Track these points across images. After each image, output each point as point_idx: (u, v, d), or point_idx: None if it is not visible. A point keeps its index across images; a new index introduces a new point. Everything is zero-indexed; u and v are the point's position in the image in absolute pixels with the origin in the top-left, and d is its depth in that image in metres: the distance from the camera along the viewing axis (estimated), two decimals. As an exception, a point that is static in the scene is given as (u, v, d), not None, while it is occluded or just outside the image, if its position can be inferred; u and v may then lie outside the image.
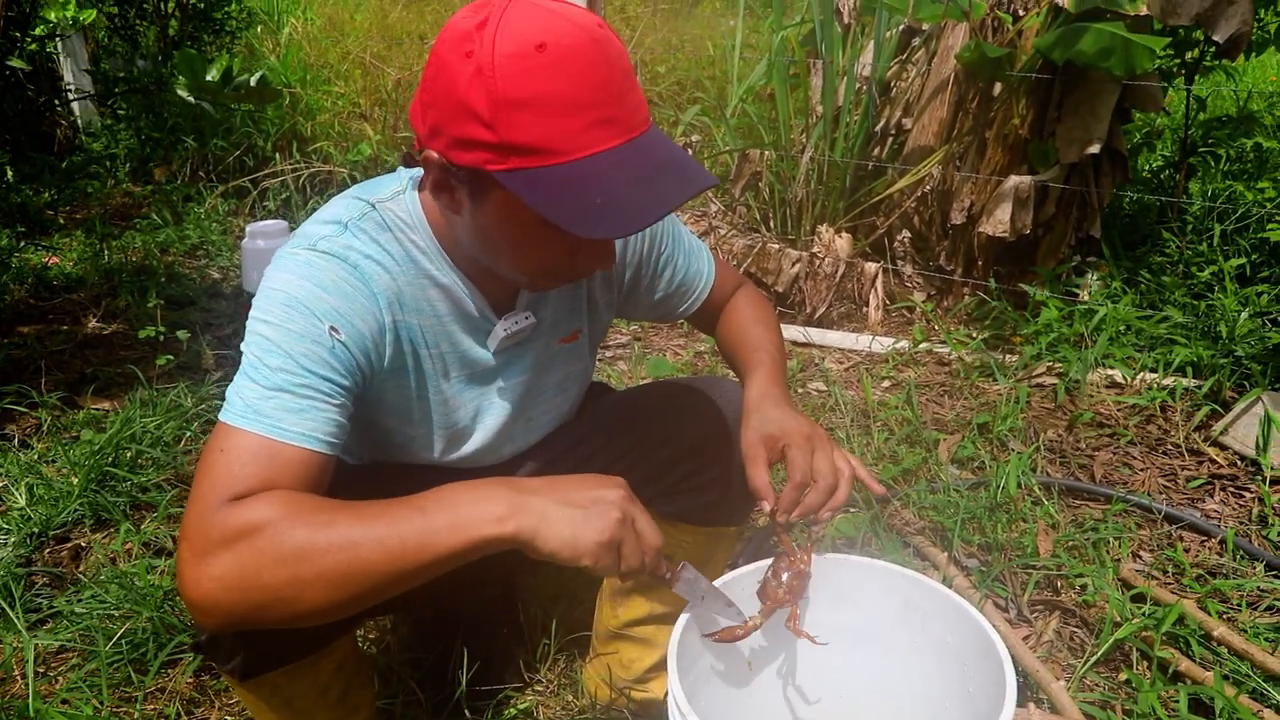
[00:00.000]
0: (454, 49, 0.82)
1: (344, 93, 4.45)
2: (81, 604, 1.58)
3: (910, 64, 3.14)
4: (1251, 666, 1.43)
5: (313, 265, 0.91)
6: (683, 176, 0.86)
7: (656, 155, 0.85)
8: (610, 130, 0.82)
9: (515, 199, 0.83)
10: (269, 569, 0.76)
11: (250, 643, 0.97)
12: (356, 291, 0.93)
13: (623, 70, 0.84)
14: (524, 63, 0.79)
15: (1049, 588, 1.69)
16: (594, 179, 0.81)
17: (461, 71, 0.81)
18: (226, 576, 0.76)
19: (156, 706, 1.41)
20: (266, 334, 0.88)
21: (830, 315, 2.98)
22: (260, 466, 0.82)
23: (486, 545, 0.78)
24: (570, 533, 0.79)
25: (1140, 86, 2.71)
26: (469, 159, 0.83)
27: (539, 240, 0.89)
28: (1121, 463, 2.14)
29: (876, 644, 1.10)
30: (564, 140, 0.81)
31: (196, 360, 2.60)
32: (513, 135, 0.80)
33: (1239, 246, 2.87)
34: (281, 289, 0.89)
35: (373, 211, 0.97)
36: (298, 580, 0.76)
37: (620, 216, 0.81)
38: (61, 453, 2.02)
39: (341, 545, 0.76)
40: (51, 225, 3.76)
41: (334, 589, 0.77)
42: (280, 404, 0.85)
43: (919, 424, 2.22)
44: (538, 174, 0.81)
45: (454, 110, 0.82)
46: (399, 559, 0.77)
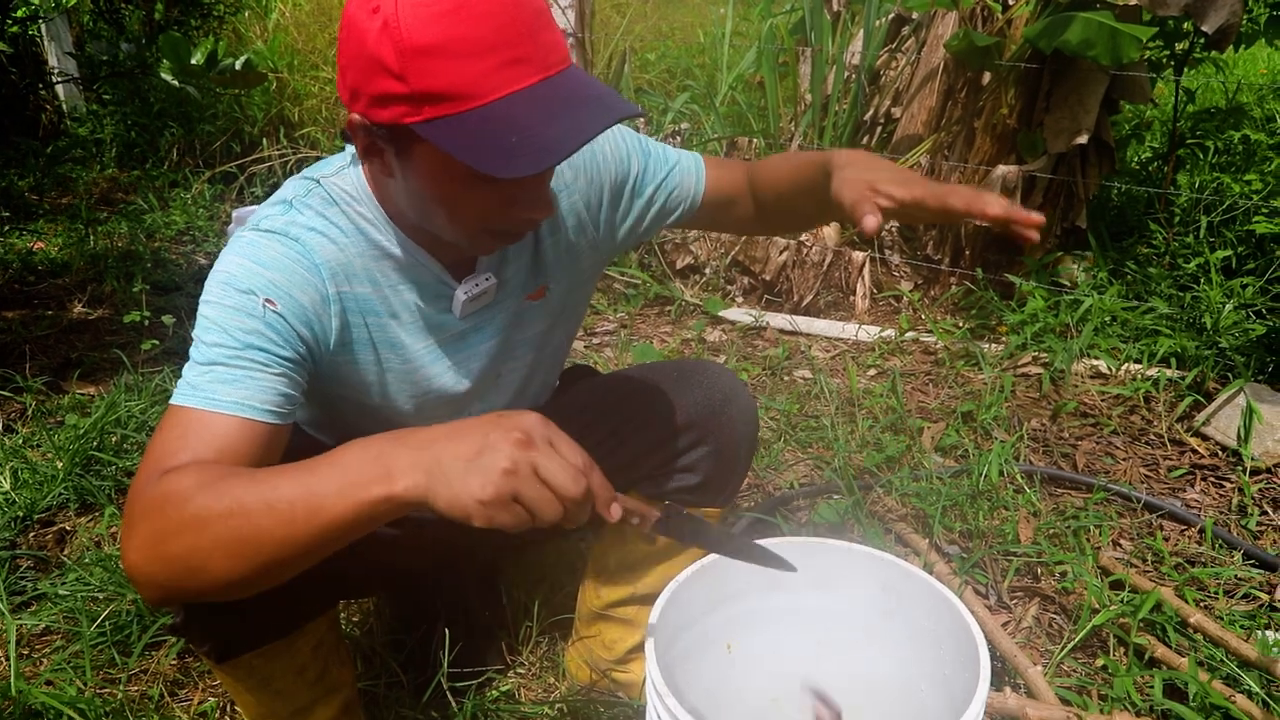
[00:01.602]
0: (361, 7, 0.82)
1: (331, 78, 4.42)
2: (65, 586, 1.58)
3: (900, 52, 3.14)
4: (1226, 653, 1.44)
5: (253, 244, 0.93)
6: (602, 106, 0.83)
7: (573, 91, 0.83)
8: (522, 70, 0.81)
9: (435, 152, 0.83)
10: (172, 537, 0.75)
11: (223, 624, 0.97)
12: (295, 264, 0.93)
13: (534, 9, 0.83)
14: (428, 9, 0.78)
15: (1029, 574, 1.71)
16: (508, 119, 0.80)
17: (369, 28, 0.81)
18: (143, 547, 0.77)
19: (140, 687, 1.41)
20: (206, 313, 0.90)
21: (817, 304, 2.99)
22: (193, 438, 0.83)
23: (378, 507, 0.72)
24: (453, 491, 0.70)
25: (1129, 77, 2.72)
26: (387, 115, 0.83)
27: (470, 193, 0.88)
28: (1104, 452, 2.15)
29: (854, 627, 1.11)
30: (475, 83, 0.80)
31: (182, 345, 2.59)
32: (424, 83, 0.80)
33: (1225, 239, 2.88)
34: (222, 270, 0.91)
35: (317, 187, 0.97)
36: (198, 549, 0.75)
37: (535, 153, 0.79)
38: (46, 437, 2.01)
39: (231, 510, 0.73)
40: (36, 210, 3.74)
41: (232, 557, 0.74)
42: (214, 376, 0.86)
43: (903, 412, 2.23)
44: (453, 120, 0.80)
45: (367, 68, 0.82)
46: (288, 524, 0.73)
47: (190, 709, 1.38)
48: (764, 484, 2.00)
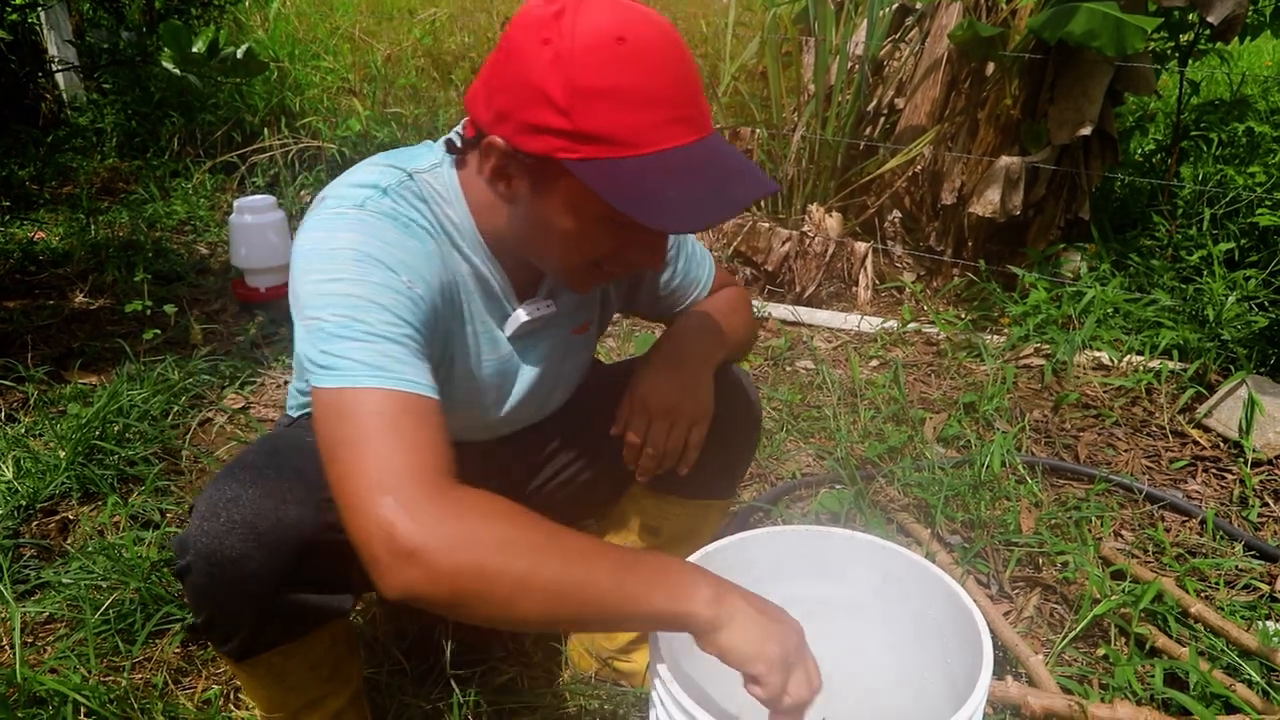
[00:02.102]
0: (530, 36, 0.82)
1: (333, 68, 4.41)
2: (69, 575, 1.58)
3: (903, 43, 3.13)
4: (1227, 643, 1.45)
5: (368, 223, 0.89)
6: (749, 179, 0.87)
7: (724, 157, 0.87)
8: (682, 128, 0.84)
9: (580, 189, 0.84)
10: (504, 559, 0.74)
11: (249, 625, 0.97)
12: (418, 248, 0.92)
13: (695, 72, 0.86)
14: (604, 53, 0.80)
15: (1030, 564, 1.71)
16: (666, 173, 0.82)
17: (538, 58, 0.81)
18: (458, 548, 0.74)
19: (144, 675, 1.42)
20: (347, 291, 0.84)
21: (819, 294, 2.99)
22: (416, 420, 0.80)
23: (680, 619, 0.79)
24: (758, 636, 0.79)
25: (1133, 69, 2.71)
26: (538, 145, 0.83)
27: (595, 233, 0.90)
28: (1106, 443, 2.15)
29: (857, 616, 1.11)
30: (638, 133, 0.82)
31: (184, 335, 2.59)
32: (588, 124, 0.81)
33: (1228, 231, 2.88)
34: (347, 246, 0.86)
35: (410, 181, 0.95)
36: (527, 580, 0.75)
37: (691, 211, 0.82)
38: (48, 426, 2.01)
39: (577, 563, 0.76)
40: (37, 200, 3.73)
41: (551, 604, 0.75)
42: (395, 356, 0.83)
43: (905, 403, 2.23)
44: (610, 164, 0.82)
45: (527, 96, 0.82)
46: (616, 597, 0.77)
47: (194, 696, 1.38)
48: (766, 474, 2.01)
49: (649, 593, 0.78)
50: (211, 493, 0.93)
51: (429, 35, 4.52)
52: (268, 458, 0.97)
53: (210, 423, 2.17)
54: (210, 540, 0.90)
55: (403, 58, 4.42)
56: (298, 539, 0.92)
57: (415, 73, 4.37)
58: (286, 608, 0.97)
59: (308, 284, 0.86)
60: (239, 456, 0.99)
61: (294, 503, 0.92)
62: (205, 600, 0.95)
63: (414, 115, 3.90)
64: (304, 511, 0.93)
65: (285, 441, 1.05)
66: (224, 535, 0.90)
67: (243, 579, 0.91)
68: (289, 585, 0.95)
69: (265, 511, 0.91)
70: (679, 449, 1.11)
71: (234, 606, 0.95)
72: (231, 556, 0.90)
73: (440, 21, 4.61)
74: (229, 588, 0.92)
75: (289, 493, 0.93)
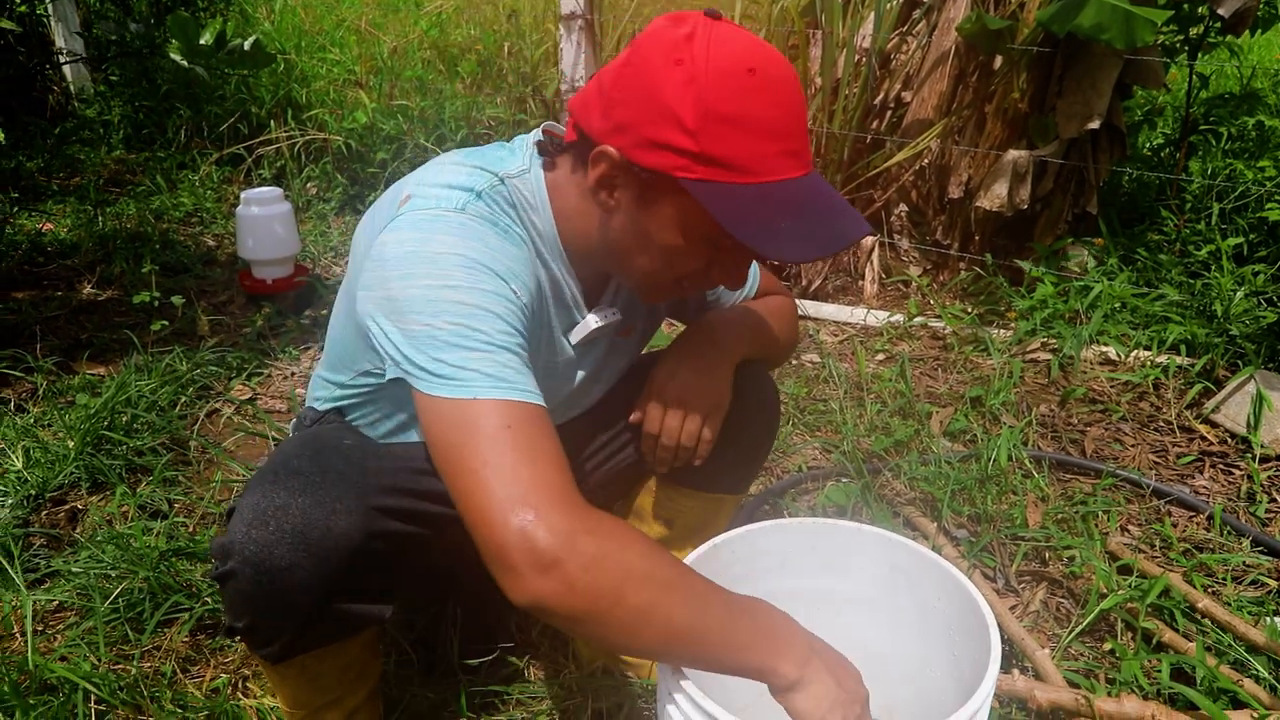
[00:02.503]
0: (662, 55, 0.84)
1: (339, 60, 4.40)
2: (78, 564, 1.59)
3: (911, 36, 3.11)
4: (1234, 638, 1.45)
5: (470, 228, 0.89)
6: (851, 219, 0.89)
7: (828, 194, 0.90)
8: (795, 161, 0.87)
9: (689, 208, 0.86)
10: (635, 586, 0.76)
11: (292, 631, 0.97)
12: (518, 255, 0.93)
13: (805, 110, 0.89)
14: (736, 82, 0.83)
15: (1037, 559, 1.71)
16: (779, 203, 0.85)
17: (670, 78, 0.83)
18: (595, 566, 0.76)
19: (153, 664, 1.42)
20: (460, 299, 0.84)
21: (826, 288, 2.98)
22: (542, 432, 0.82)
23: (766, 675, 0.81)
24: (826, 707, 0.81)
25: (1142, 62, 2.70)
26: (657, 161, 0.85)
27: (691, 251, 0.92)
28: (1113, 438, 2.15)
29: (864, 608, 1.11)
30: (758, 161, 0.84)
31: (191, 326, 2.60)
32: (714, 148, 0.83)
33: (1237, 225, 2.87)
34: (453, 251, 0.86)
35: (501, 185, 0.96)
36: (651, 611, 0.77)
37: (798, 243, 0.85)
38: (57, 417, 2.02)
39: (699, 604, 0.79)
40: (45, 191, 3.74)
41: (665, 640, 0.78)
42: (514, 367, 0.84)
43: (912, 397, 2.23)
44: (728, 189, 0.84)
45: (654, 113, 0.84)
46: (721, 642, 0.79)
47: (203, 685, 1.39)
48: (773, 467, 2.01)
49: (750, 646, 0.80)
50: (257, 498, 0.92)
51: (435, 28, 4.51)
52: (312, 462, 0.96)
53: (218, 413, 2.18)
54: (258, 549, 0.90)
55: (409, 50, 4.41)
56: (348, 549, 0.92)
57: (422, 65, 4.36)
58: (330, 616, 0.97)
59: (413, 288, 0.85)
60: (281, 460, 0.98)
61: (344, 513, 0.92)
62: (249, 607, 0.95)
63: (420, 108, 3.89)
64: (353, 521, 0.93)
65: (327, 443, 1.03)
66: (273, 544, 0.90)
67: (290, 588, 0.91)
68: (335, 594, 0.95)
69: (315, 521, 0.91)
70: (693, 441, 1.12)
71: (278, 614, 0.95)
72: (280, 566, 0.90)
73: (447, 14, 4.59)
74: (275, 596, 0.92)
75: (338, 502, 0.93)
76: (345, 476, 0.95)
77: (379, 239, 0.90)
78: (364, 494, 0.95)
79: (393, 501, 0.98)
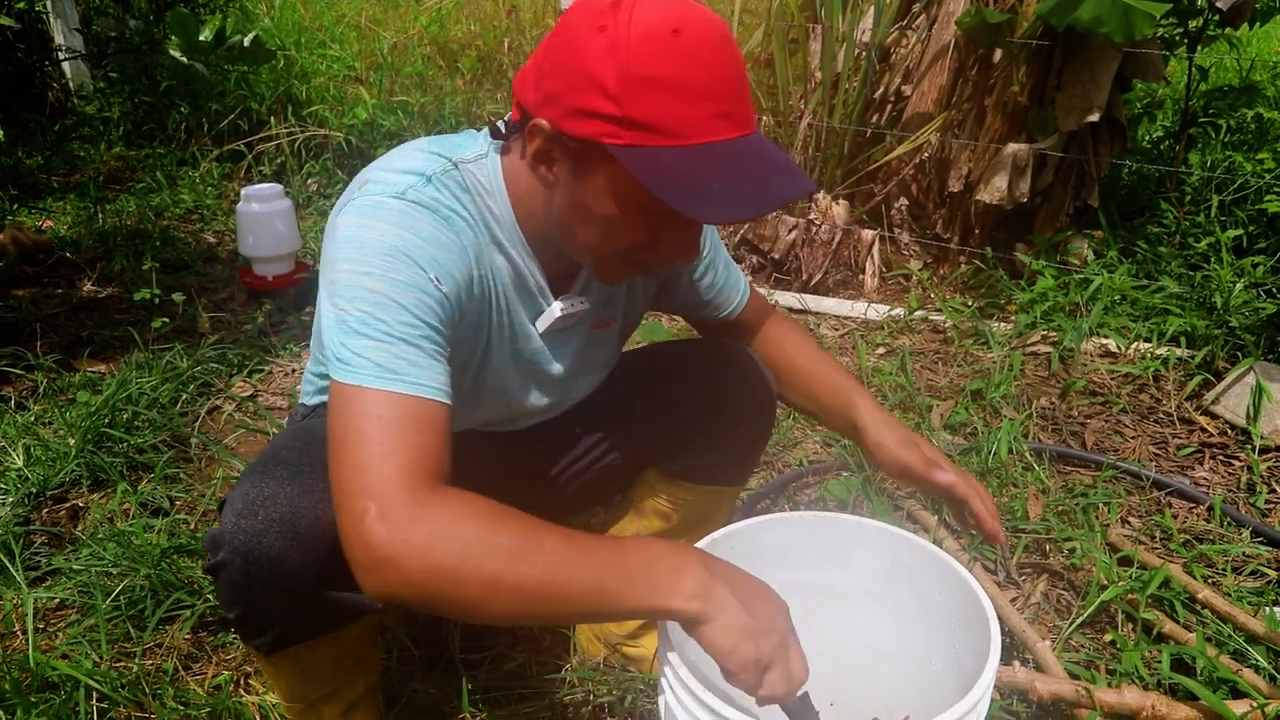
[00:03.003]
0: (587, 22, 0.83)
1: (339, 56, 4.40)
2: (80, 562, 1.60)
3: (910, 30, 3.11)
4: (1234, 628, 1.45)
5: (406, 214, 0.89)
6: (788, 177, 0.87)
7: (764, 155, 0.87)
8: (728, 123, 0.85)
9: (621, 176, 0.85)
10: (474, 561, 0.75)
11: (284, 621, 0.98)
12: (453, 243, 0.91)
13: (743, 70, 0.87)
14: (659, 44, 0.81)
15: (1038, 551, 1.71)
16: (708, 165, 0.83)
17: (593, 44, 0.82)
18: (428, 553, 0.75)
19: (155, 661, 1.43)
20: (372, 286, 0.84)
21: (826, 282, 2.98)
22: (415, 425, 0.81)
23: (665, 614, 0.79)
24: (735, 639, 0.78)
25: (1141, 55, 2.69)
26: (585, 129, 0.84)
27: (631, 221, 0.90)
28: (1113, 430, 2.15)
29: (865, 601, 1.11)
30: (685, 124, 0.82)
31: (192, 323, 2.60)
32: (637, 111, 0.81)
33: (1236, 218, 2.87)
34: (379, 239, 0.86)
35: (455, 170, 0.95)
36: (496, 582, 0.76)
37: (730, 204, 0.83)
38: (58, 414, 2.02)
39: (551, 564, 0.77)
40: (44, 188, 3.74)
41: (525, 603, 0.77)
42: (409, 359, 0.83)
43: (912, 390, 2.23)
44: (654, 153, 0.82)
45: (579, 80, 0.83)
46: (594, 596, 0.77)
47: (205, 682, 1.39)
48: (774, 461, 2.01)
49: (629, 589, 0.78)
50: (247, 489, 0.92)
51: (435, 23, 4.51)
52: (300, 453, 0.97)
53: (219, 410, 2.18)
54: (247, 538, 0.90)
55: (409, 46, 4.41)
56: (335, 537, 0.92)
57: (422, 61, 4.36)
58: (321, 604, 0.97)
59: (340, 271, 0.86)
60: (271, 452, 0.99)
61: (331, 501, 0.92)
62: (240, 597, 0.95)
63: (420, 104, 3.89)
64: None
65: (315, 435, 1.03)
66: (262, 533, 0.90)
67: (280, 577, 0.92)
68: (325, 582, 0.95)
69: (303, 510, 0.91)
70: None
71: (269, 603, 0.95)
72: (269, 555, 0.90)
73: (447, 9, 4.59)
74: (265, 585, 0.92)
75: (326, 490, 0.92)
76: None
77: (332, 220, 0.92)
78: None
79: None
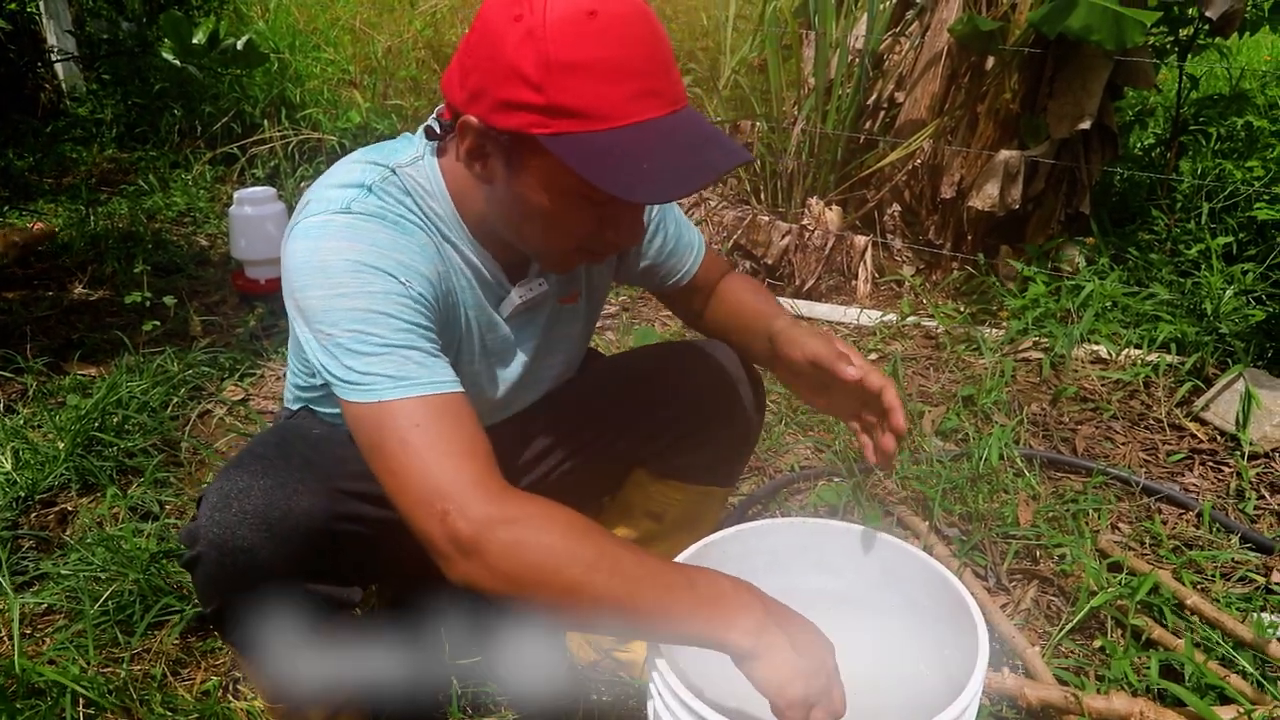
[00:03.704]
0: (502, 13, 0.82)
1: (333, 59, 4.40)
2: (68, 566, 1.59)
3: (903, 36, 3.12)
4: (1222, 634, 1.45)
5: (357, 228, 0.89)
6: (723, 148, 0.87)
7: (696, 129, 0.87)
8: (655, 101, 0.84)
9: (554, 166, 0.84)
10: (558, 568, 0.79)
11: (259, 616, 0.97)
12: (409, 245, 0.92)
13: (667, 45, 0.86)
14: (576, 27, 0.80)
15: (1028, 557, 1.72)
16: (639, 145, 0.82)
17: (510, 34, 0.81)
18: (516, 552, 0.79)
19: (143, 666, 1.42)
20: (352, 305, 0.85)
21: (819, 288, 2.99)
22: (452, 420, 0.84)
23: (720, 645, 0.82)
24: (786, 677, 0.81)
25: (1133, 63, 2.71)
26: (512, 122, 0.83)
27: (571, 211, 0.89)
28: (1103, 436, 2.16)
29: (854, 607, 1.11)
30: (611, 106, 0.81)
31: (183, 327, 2.59)
32: (561, 98, 0.80)
33: (1227, 225, 2.88)
34: (339, 259, 0.86)
35: (393, 176, 0.95)
36: (574, 590, 0.79)
37: (664, 182, 0.82)
38: (47, 417, 2.01)
39: (625, 580, 0.80)
40: (36, 190, 3.73)
41: (594, 612, 0.80)
42: (416, 361, 0.85)
43: (904, 396, 2.23)
44: (583, 138, 0.81)
45: (500, 73, 0.82)
46: (657, 617, 0.81)
47: (193, 688, 1.39)
48: (765, 467, 2.01)
49: (691, 618, 0.81)
50: (222, 483, 0.93)
51: (430, 27, 4.50)
52: (277, 449, 0.98)
53: (210, 414, 2.17)
54: (221, 531, 0.90)
55: (403, 50, 4.41)
56: (309, 530, 0.93)
57: (416, 65, 4.35)
58: (296, 599, 0.97)
59: (310, 298, 0.87)
60: (248, 447, 1.00)
61: (305, 494, 0.93)
62: (215, 591, 0.95)
63: (414, 107, 3.89)
64: (315, 502, 0.93)
65: (293, 432, 1.05)
66: (235, 526, 0.90)
67: (254, 570, 0.92)
68: (299, 576, 0.95)
69: (276, 502, 0.91)
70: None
71: (244, 597, 0.95)
72: (243, 547, 0.91)
73: (441, 13, 4.59)
74: (240, 578, 0.92)
75: (300, 484, 0.93)
76: (310, 460, 0.96)
77: (284, 248, 0.92)
78: (327, 476, 0.96)
79: (360, 485, 0.97)
